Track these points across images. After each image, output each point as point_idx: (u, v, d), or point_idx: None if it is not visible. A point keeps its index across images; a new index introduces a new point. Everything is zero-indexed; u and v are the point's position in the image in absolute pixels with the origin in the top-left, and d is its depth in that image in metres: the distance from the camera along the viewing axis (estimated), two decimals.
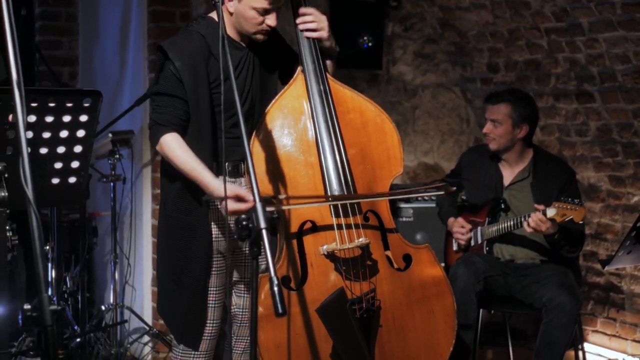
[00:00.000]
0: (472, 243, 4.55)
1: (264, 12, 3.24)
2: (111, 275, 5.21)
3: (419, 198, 5.41)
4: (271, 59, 3.47)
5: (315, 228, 3.36)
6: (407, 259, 3.51)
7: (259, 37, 3.32)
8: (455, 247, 4.66)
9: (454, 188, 3.90)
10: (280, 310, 2.20)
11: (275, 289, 2.22)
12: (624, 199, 5.27)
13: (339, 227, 3.34)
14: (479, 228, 4.53)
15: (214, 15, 3.38)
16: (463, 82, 6.13)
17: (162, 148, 3.20)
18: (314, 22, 3.46)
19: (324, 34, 3.48)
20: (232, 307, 3.53)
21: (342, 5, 5.69)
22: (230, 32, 3.33)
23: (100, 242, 5.68)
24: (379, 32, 5.80)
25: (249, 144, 2.77)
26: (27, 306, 2.09)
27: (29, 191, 2.17)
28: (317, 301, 3.27)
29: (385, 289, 3.41)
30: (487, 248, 4.49)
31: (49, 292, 4.97)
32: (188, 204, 3.30)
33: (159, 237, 3.49)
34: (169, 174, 3.34)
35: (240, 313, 3.53)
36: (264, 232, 2.27)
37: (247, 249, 3.36)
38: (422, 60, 6.08)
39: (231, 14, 3.29)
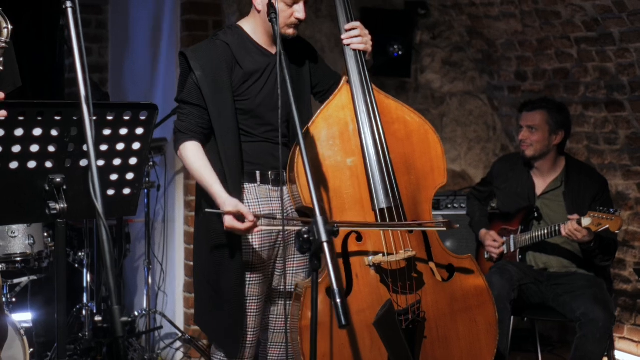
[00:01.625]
0: (505, 251, 4.59)
1: (292, 3, 3.28)
2: (144, 281, 5.26)
3: (449, 206, 5.46)
4: (301, 65, 3.51)
5: (360, 239, 3.39)
6: (450, 269, 3.54)
7: (289, 31, 3.33)
8: (487, 256, 4.70)
9: (457, 226, 3.90)
10: (343, 322, 2.24)
11: (338, 300, 2.26)
12: None
13: (385, 238, 3.38)
14: (511, 236, 4.57)
15: (242, 23, 3.43)
16: (490, 90, 6.17)
17: (181, 155, 3.33)
18: (359, 36, 3.49)
19: (368, 47, 3.52)
20: (267, 315, 3.56)
21: (372, 13, 5.74)
22: (259, 37, 3.38)
23: (132, 249, 5.74)
24: (408, 40, 5.85)
25: (304, 151, 2.79)
26: (98, 318, 2.13)
27: (99, 205, 2.23)
28: (362, 312, 3.30)
29: (429, 300, 3.44)
30: (520, 256, 4.53)
31: (85, 299, 5.03)
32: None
33: (196, 244, 3.53)
34: None
35: (275, 319, 3.56)
36: (325, 245, 2.32)
37: (280, 259, 3.45)
38: (449, 68, 6.12)
39: (259, 11, 3.32)
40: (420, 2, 5.96)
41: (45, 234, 4.65)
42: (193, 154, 3.29)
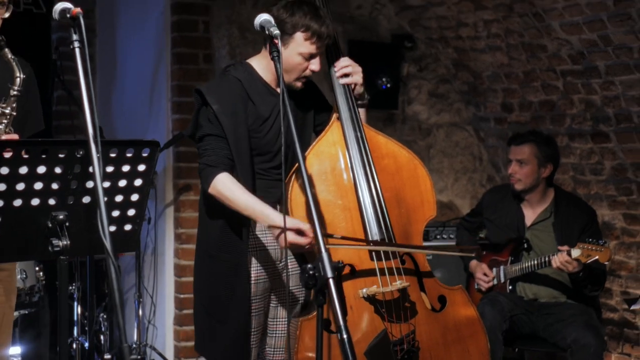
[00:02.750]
0: (495, 282, 4.64)
1: (310, 57, 3.33)
2: (134, 314, 5.25)
3: (438, 236, 5.50)
4: (306, 107, 3.55)
5: (353, 271, 3.43)
6: (442, 300, 3.58)
7: (298, 84, 3.40)
8: (477, 287, 4.74)
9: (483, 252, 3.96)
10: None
11: (345, 336, 2.29)
12: (639, 237, 5.37)
13: (379, 270, 3.41)
14: (501, 267, 4.61)
15: (252, 61, 3.46)
16: (476, 121, 6.24)
17: (216, 188, 3.23)
18: (349, 67, 3.55)
19: (358, 79, 3.58)
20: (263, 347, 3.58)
21: (360, 46, 5.80)
22: (268, 77, 3.41)
23: (121, 282, 5.73)
24: (396, 72, 5.91)
25: (307, 188, 2.82)
26: (107, 356, 2.15)
27: (108, 243, 2.25)
28: (357, 344, 3.30)
29: (423, 330, 3.48)
30: (510, 287, 4.57)
31: (75, 332, 5.02)
32: (231, 243, 3.36)
33: (197, 276, 3.53)
34: (212, 213, 3.38)
35: (272, 352, 3.58)
36: (330, 281, 2.34)
37: (274, 291, 3.47)
38: (436, 100, 6.19)
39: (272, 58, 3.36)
40: (407, 35, 6.04)
41: (37, 269, 4.65)
42: (231, 183, 3.23)
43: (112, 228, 2.93)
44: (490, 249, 4.77)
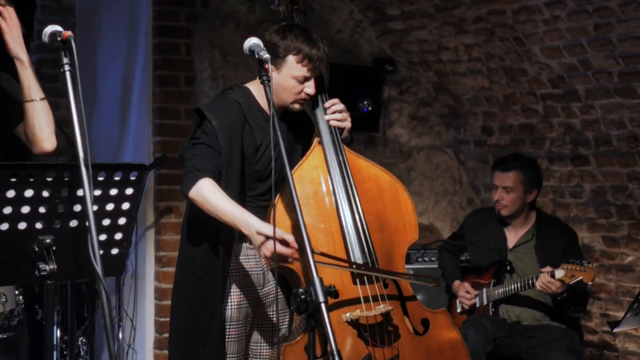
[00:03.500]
0: (477, 304, 4.65)
1: (304, 80, 3.33)
2: (114, 337, 5.20)
3: (419, 259, 5.51)
4: (296, 133, 3.55)
5: (336, 295, 3.41)
6: (425, 323, 3.58)
7: (296, 106, 3.39)
8: (459, 309, 4.74)
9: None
10: None
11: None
12: (618, 259, 5.41)
13: (362, 294, 3.41)
14: (484, 290, 4.62)
15: (250, 85, 3.45)
16: (456, 144, 6.28)
17: (198, 191, 3.14)
18: (343, 114, 3.53)
19: (348, 125, 3.57)
20: None
21: (341, 69, 5.83)
22: (264, 103, 3.39)
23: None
24: (377, 95, 5.94)
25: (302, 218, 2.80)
26: None
27: (99, 268, 2.23)
28: None
29: (406, 354, 3.46)
30: (493, 309, 4.58)
31: (55, 357, 4.96)
32: (213, 265, 3.33)
33: (179, 297, 3.48)
34: (198, 232, 3.35)
35: None
36: (322, 306, 2.34)
37: (271, 314, 3.45)
38: (417, 122, 6.23)
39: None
40: (388, 58, 6.07)
41: (17, 292, 4.59)
42: (215, 188, 3.15)
43: (99, 252, 2.91)
44: (473, 271, 4.78)
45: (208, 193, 3.15)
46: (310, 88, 3.36)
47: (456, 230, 5.14)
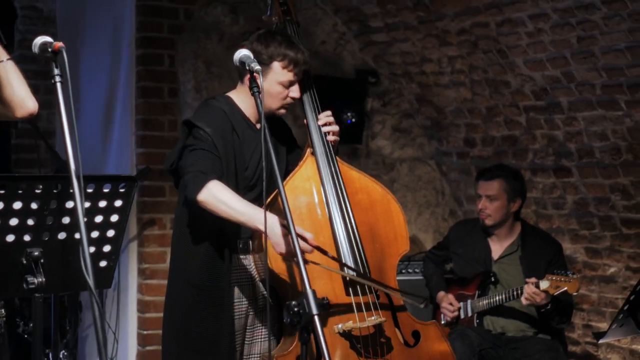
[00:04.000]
0: (462, 316, 4.65)
1: (289, 85, 3.35)
2: (106, 350, 5.15)
3: (403, 271, 5.51)
4: (281, 143, 3.55)
5: (329, 306, 3.40)
6: (416, 335, 3.58)
7: (282, 111, 3.42)
8: (443, 321, 4.74)
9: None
10: None
11: None
12: (600, 270, 5.44)
13: (355, 305, 3.40)
14: (468, 301, 4.63)
15: (232, 94, 3.46)
16: (439, 155, 6.29)
17: (209, 193, 3.10)
18: (334, 126, 3.56)
19: (337, 138, 3.59)
20: None
21: (324, 81, 5.81)
22: (248, 112, 3.41)
23: (82, 318, 5.63)
24: (360, 107, 5.95)
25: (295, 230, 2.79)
26: None
27: (91, 280, 2.21)
28: None
29: None
30: (478, 321, 4.59)
31: None
32: (215, 271, 3.32)
33: (175, 309, 3.44)
34: (194, 242, 3.33)
35: None
36: (316, 318, 2.33)
37: (261, 325, 3.44)
38: (399, 134, 6.24)
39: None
40: (371, 70, 6.09)
41: None
42: (224, 189, 3.12)
43: (82, 265, 2.89)
44: (457, 282, 4.79)
45: (220, 193, 3.12)
46: (295, 92, 3.39)
47: (441, 240, 5.15)
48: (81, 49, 5.96)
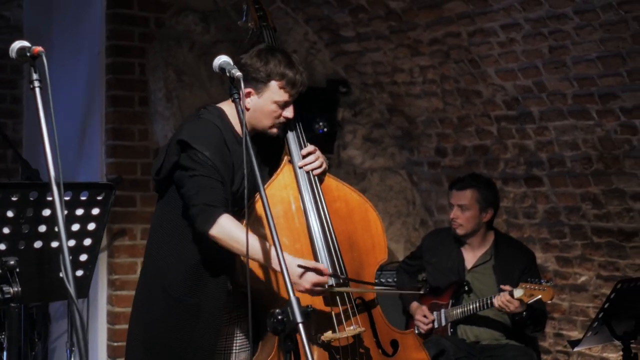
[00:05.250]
0: (436, 325, 4.64)
1: (284, 105, 3.30)
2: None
3: (375, 280, 5.48)
4: (264, 155, 3.52)
5: (312, 316, 3.37)
6: (395, 344, 3.56)
7: (274, 130, 3.35)
8: (416, 331, 4.73)
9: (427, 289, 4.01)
10: None
11: None
12: (571, 279, 5.47)
13: (334, 315, 3.38)
14: (442, 310, 4.62)
15: (223, 106, 3.37)
16: (410, 165, 6.30)
17: (220, 231, 3.08)
18: (317, 161, 3.51)
19: (326, 167, 3.56)
20: None
21: None
22: (237, 125, 3.33)
23: (51, 329, 5.55)
24: (332, 117, 5.94)
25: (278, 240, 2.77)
26: None
27: (71, 289, 2.16)
28: None
29: None
30: (452, 330, 4.58)
31: None
32: (196, 285, 3.27)
33: (146, 317, 3.36)
34: (177, 254, 3.27)
35: None
36: (300, 326, 2.30)
37: (238, 335, 3.41)
38: (370, 144, 6.24)
39: (248, 109, 3.28)
40: (342, 80, 6.08)
41: None
42: (236, 225, 3.09)
43: (63, 274, 2.84)
44: (431, 292, 4.78)
45: (233, 232, 3.09)
46: (289, 112, 3.33)
47: (414, 250, 5.15)
48: (49, 57, 5.86)
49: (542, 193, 5.40)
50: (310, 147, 3.50)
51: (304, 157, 3.48)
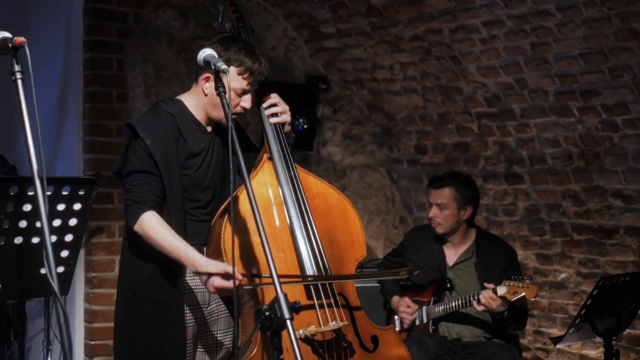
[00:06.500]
0: (417, 322, 4.63)
1: (242, 93, 3.28)
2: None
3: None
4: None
5: (299, 311, 3.35)
6: (375, 340, 3.55)
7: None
8: (397, 327, 4.72)
9: (417, 272, 4.02)
10: None
11: None
12: (551, 276, 5.48)
13: (317, 308, 3.35)
14: (424, 308, 4.61)
15: (183, 98, 3.37)
16: (389, 163, 6.28)
17: (141, 227, 3.11)
18: (278, 107, 3.51)
19: (287, 118, 3.54)
20: None
21: (274, 87, 5.71)
22: (199, 115, 3.33)
23: (28, 328, 5.47)
24: (311, 114, 5.91)
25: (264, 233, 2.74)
26: None
27: (55, 285, 2.11)
28: None
29: None
30: (433, 327, 4.57)
31: None
32: (164, 283, 3.24)
33: (122, 319, 3.36)
34: (144, 253, 3.24)
35: None
36: (288, 322, 2.27)
37: (216, 332, 3.37)
38: (350, 141, 6.22)
39: (206, 94, 3.28)
40: (321, 76, 6.06)
41: None
42: (156, 224, 3.10)
43: (43, 270, 2.79)
44: (412, 289, 4.76)
45: (150, 229, 3.10)
46: (247, 102, 3.31)
47: (396, 247, 5.13)
48: None
49: (522, 190, 5.40)
50: (273, 97, 3.51)
51: (267, 108, 3.48)
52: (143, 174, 3.17)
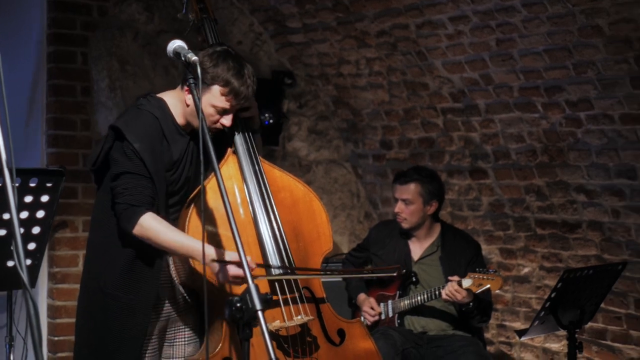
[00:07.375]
0: (383, 317, 4.65)
1: (222, 112, 3.25)
2: (5, 358, 4.94)
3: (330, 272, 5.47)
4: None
5: (271, 303, 3.34)
6: (341, 333, 3.56)
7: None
8: (363, 321, 4.73)
9: (404, 271, 4.05)
10: None
11: None
12: (515, 270, 5.53)
13: (283, 303, 3.35)
14: (389, 302, 4.63)
15: (165, 96, 3.33)
16: (354, 158, 6.30)
17: (142, 229, 3.08)
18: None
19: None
20: None
21: None
22: (179, 119, 3.30)
23: None
24: (277, 109, 5.91)
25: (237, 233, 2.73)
26: None
27: (25, 276, 2.09)
28: None
29: None
30: (399, 321, 4.60)
31: None
32: (131, 283, 3.23)
33: (84, 315, 3.35)
34: (112, 251, 3.23)
35: None
36: (260, 313, 2.27)
37: (182, 327, 3.36)
38: (315, 136, 6.22)
39: (188, 105, 3.25)
40: (287, 71, 6.05)
41: None
42: (157, 224, 3.09)
43: (11, 263, 2.76)
44: (378, 284, 4.78)
45: (154, 231, 3.09)
46: (227, 120, 3.29)
47: (361, 242, 5.14)
48: None
49: (486, 185, 5.45)
50: None
51: None
52: (134, 175, 3.14)
